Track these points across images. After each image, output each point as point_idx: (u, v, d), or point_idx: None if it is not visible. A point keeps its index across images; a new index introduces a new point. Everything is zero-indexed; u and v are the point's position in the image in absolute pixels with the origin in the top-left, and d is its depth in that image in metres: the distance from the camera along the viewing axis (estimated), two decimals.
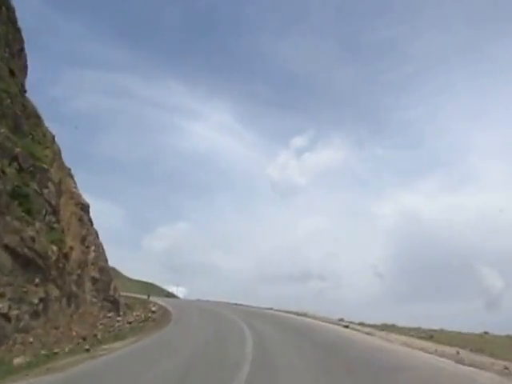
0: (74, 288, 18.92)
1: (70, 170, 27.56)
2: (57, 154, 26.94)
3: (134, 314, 24.50)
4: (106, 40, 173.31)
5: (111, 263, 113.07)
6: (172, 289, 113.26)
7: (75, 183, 26.89)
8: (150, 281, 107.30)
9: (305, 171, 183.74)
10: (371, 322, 19.07)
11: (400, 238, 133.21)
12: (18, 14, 24.03)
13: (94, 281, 21.42)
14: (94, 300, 20.70)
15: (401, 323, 18.30)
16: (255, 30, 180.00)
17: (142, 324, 20.19)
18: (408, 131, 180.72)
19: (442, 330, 16.27)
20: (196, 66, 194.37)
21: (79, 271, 20.18)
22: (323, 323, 19.88)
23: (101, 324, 19.15)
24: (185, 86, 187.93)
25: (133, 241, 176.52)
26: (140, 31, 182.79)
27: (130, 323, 20.07)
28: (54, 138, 28.36)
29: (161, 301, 35.75)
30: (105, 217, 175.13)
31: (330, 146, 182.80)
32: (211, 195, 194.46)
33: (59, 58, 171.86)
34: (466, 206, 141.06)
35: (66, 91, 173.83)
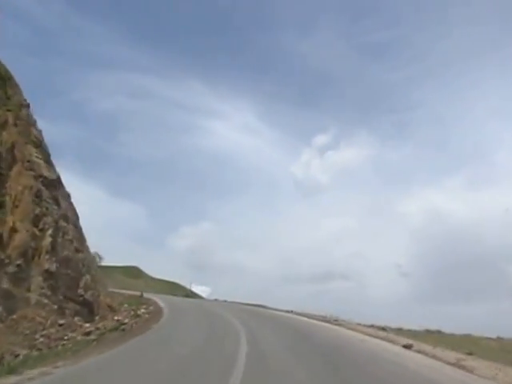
0: (5, 284, 13.25)
1: (41, 141, 22.51)
2: (23, 119, 21.90)
3: (116, 318, 18.82)
4: (127, 41, 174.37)
5: (135, 262, 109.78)
6: (195, 288, 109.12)
7: (46, 155, 21.64)
8: (173, 280, 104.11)
9: (328, 170, 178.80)
10: (410, 327, 16.69)
11: (426, 237, 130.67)
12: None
13: (48, 275, 15.67)
14: (45, 301, 14.90)
15: (445, 328, 15.77)
16: (277, 28, 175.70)
17: (107, 335, 14.38)
18: (434, 128, 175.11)
19: None
20: (217, 65, 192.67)
21: (21, 261, 14.53)
22: (368, 337, 13.77)
23: (43, 336, 13.29)
24: (206, 85, 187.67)
25: (157, 240, 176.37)
26: (161, 31, 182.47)
27: (89, 333, 14.25)
28: (25, 104, 23.99)
29: (164, 301, 30.00)
30: (129, 217, 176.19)
31: (354, 143, 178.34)
32: (234, 195, 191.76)
33: (83, 61, 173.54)
34: (494, 204, 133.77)
35: (90, 93, 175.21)
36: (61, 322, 14.67)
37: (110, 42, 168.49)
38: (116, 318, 18.59)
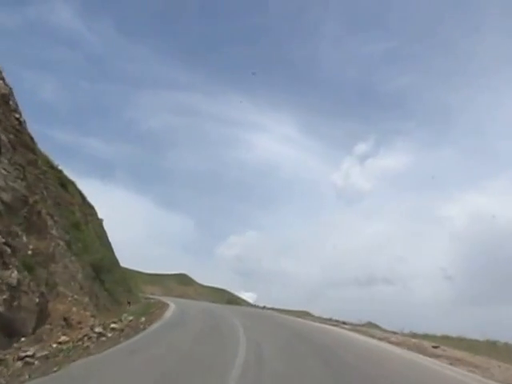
0: None
1: None
2: None
3: (63, 338, 10.74)
4: (171, 60, 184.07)
5: (185, 271, 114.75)
6: (242, 294, 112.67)
7: None
8: (222, 287, 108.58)
9: (369, 177, 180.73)
10: (459, 333, 14.21)
11: (470, 240, 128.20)
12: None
13: None
14: None
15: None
16: (313, 39, 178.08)
17: None
18: (473, 132, 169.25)
19: None
20: (257, 78, 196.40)
21: None
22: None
23: None
24: (247, 99, 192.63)
25: (206, 250, 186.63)
26: (200, 49, 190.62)
27: None
28: None
29: (183, 307, 26.42)
30: (178, 227, 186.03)
31: (393, 150, 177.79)
32: (278, 204, 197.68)
33: (131, 82, 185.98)
34: None
35: (138, 112, 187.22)
36: None
37: (155, 62, 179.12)
38: (63, 338, 10.66)
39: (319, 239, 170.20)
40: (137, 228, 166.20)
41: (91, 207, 28.45)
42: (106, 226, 31.17)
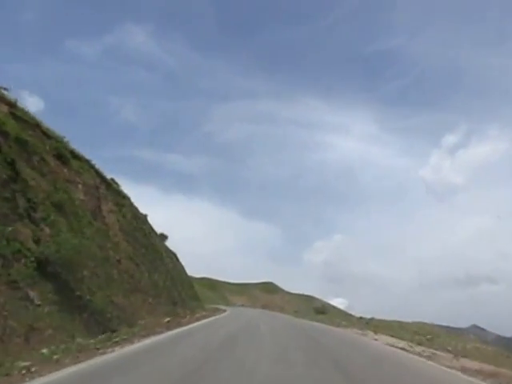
0: None
1: None
2: None
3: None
4: (244, 70, 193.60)
5: (271, 279, 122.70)
6: (333, 301, 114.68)
7: None
8: (309, 294, 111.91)
9: (461, 169, 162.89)
10: None
11: None
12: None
13: None
14: None
15: None
16: (387, 33, 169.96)
17: None
18: None
19: None
20: (330, 79, 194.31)
21: None
22: None
23: None
24: (322, 101, 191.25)
25: (291, 256, 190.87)
26: (272, 56, 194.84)
27: None
28: None
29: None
30: (263, 236, 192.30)
31: (486, 139, 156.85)
32: (363, 206, 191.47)
33: (206, 95, 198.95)
34: None
35: (217, 124, 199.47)
36: None
37: (229, 74, 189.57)
38: None
39: (411, 239, 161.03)
40: (223, 239, 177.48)
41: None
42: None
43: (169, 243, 39.02)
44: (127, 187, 26.63)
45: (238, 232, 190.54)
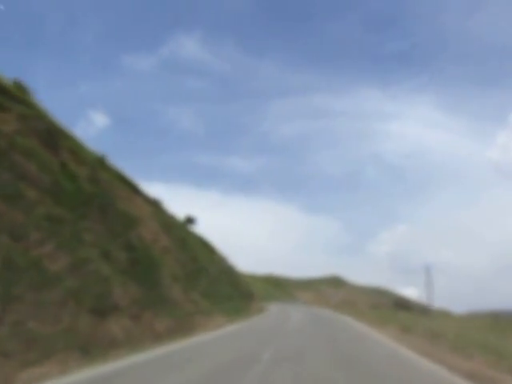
0: None
1: None
2: None
3: None
4: (295, 67, 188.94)
5: (335, 272, 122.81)
6: (403, 291, 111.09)
7: None
8: (378, 285, 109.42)
9: None
10: None
11: None
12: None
13: None
14: None
15: None
16: (440, 12, 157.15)
17: None
18: None
19: None
20: (385, 66, 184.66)
21: None
22: None
23: None
24: (377, 89, 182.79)
25: (356, 249, 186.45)
26: (321, 48, 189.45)
27: None
28: None
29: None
30: (325, 230, 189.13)
31: None
32: (427, 192, 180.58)
33: (259, 96, 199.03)
34: None
35: (273, 122, 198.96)
36: None
37: (280, 72, 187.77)
38: None
39: (482, 223, 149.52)
40: (286, 236, 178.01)
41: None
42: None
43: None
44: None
45: (301, 228, 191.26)
